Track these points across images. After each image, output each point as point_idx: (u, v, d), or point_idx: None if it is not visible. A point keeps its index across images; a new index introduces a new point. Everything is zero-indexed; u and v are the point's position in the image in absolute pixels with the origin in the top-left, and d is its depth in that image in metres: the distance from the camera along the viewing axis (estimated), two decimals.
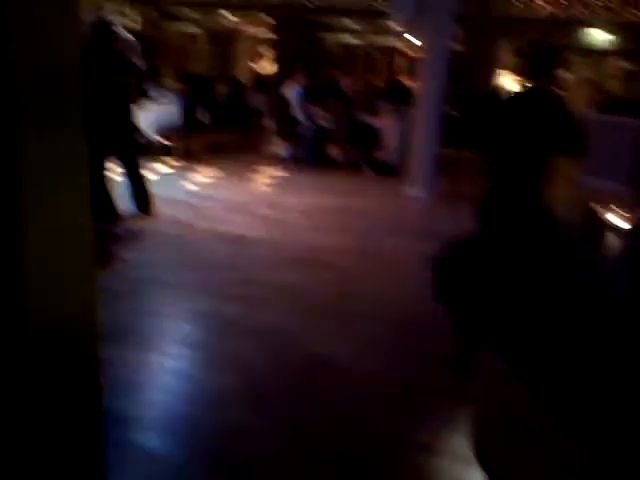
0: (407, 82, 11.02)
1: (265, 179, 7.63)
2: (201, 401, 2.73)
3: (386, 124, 8.50)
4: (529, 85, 3.04)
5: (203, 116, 8.98)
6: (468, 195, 3.43)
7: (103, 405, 1.95)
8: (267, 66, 14.87)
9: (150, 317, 3.55)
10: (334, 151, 8.70)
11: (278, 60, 13.77)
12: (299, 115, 8.54)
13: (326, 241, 5.19)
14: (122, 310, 3.56)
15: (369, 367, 3.09)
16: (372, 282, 4.33)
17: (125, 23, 14.10)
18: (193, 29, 14.74)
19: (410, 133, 7.36)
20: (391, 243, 5.29)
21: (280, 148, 8.83)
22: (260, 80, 13.12)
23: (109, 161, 5.05)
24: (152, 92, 8.29)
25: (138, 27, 14.28)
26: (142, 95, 5.17)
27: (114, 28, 4.69)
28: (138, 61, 5.01)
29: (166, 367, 2.99)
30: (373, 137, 8.42)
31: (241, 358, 3.10)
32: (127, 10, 14.11)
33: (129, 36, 4.98)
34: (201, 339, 3.31)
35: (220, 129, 9.16)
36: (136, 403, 2.68)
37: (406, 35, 9.76)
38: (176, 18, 14.80)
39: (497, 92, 12.83)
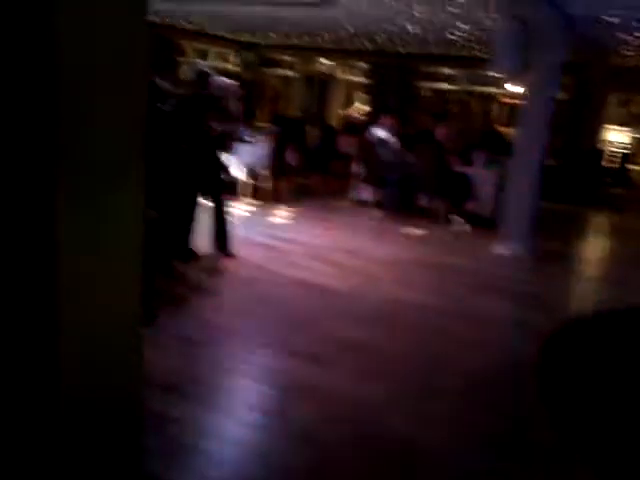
0: (504, 130, 10.55)
1: (349, 225, 7.41)
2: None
3: (480, 174, 8.08)
4: None
5: (292, 158, 8.96)
6: (570, 254, 2.99)
7: (143, 471, 1.75)
8: (359, 110, 14.88)
9: (220, 371, 3.34)
10: (423, 200, 8.35)
11: (370, 105, 13.73)
12: (387, 161, 8.30)
13: (409, 297, 4.83)
14: (191, 360, 3.38)
15: (457, 457, 2.68)
16: (460, 350, 3.91)
17: (227, 67, 14.71)
18: (289, 73, 15.09)
19: (506, 184, 6.90)
20: (481, 304, 4.85)
21: (367, 194, 8.61)
22: (351, 124, 13.10)
23: (197, 200, 5.04)
24: (245, 133, 8.41)
25: (238, 70, 14.83)
26: (236, 138, 5.21)
27: (210, 76, 4.76)
28: (233, 105, 5.08)
29: (230, 433, 2.74)
30: (466, 187, 8.01)
31: (314, 432, 2.78)
32: (231, 56, 14.71)
33: (228, 82, 5.07)
34: (272, 404, 3.04)
35: (308, 172, 9.10)
36: (188, 472, 2.43)
37: (507, 83, 9.36)
38: (274, 63, 15.23)
39: (602, 145, 12.05)
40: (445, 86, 13.56)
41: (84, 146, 1.42)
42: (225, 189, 5.46)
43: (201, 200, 5.12)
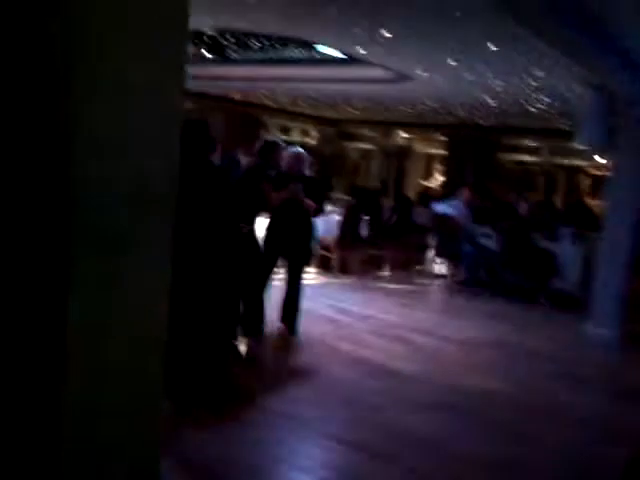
0: (592, 203, 9.97)
1: (420, 300, 7.09)
2: None
3: (566, 250, 7.56)
4: None
5: (365, 229, 8.85)
6: None
7: None
8: (436, 182, 14.74)
9: (277, 464, 3.08)
10: (502, 276, 7.89)
11: (447, 177, 13.56)
12: (463, 234, 8.00)
13: (480, 383, 4.41)
14: (246, 446, 3.16)
15: None
16: (536, 454, 3.44)
17: (307, 141, 15.17)
18: (368, 146, 15.32)
19: (595, 262, 6.38)
20: (563, 396, 4.34)
21: (441, 268, 8.29)
22: (427, 196, 12.94)
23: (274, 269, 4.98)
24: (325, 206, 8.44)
25: (314, 143, 15.26)
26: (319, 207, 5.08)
27: (278, 146, 4.79)
28: (307, 172, 5.06)
29: None
30: (551, 264, 7.50)
31: None
32: (312, 130, 15.20)
33: (299, 151, 5.07)
34: None
35: (381, 243, 8.93)
36: None
37: (593, 155, 8.92)
38: (353, 136, 15.55)
39: None
40: (527, 158, 13.18)
41: (100, 213, 1.34)
42: (310, 260, 5.34)
43: (283, 270, 5.04)
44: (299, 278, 5.13)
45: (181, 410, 3.43)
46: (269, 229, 4.94)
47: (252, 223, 4.58)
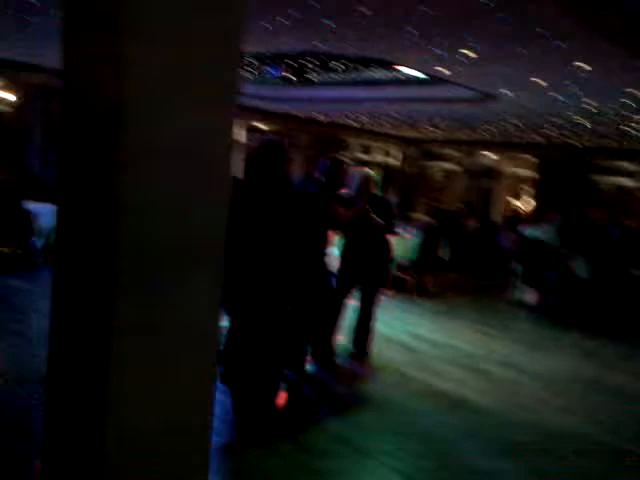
0: None
1: (503, 329, 6.73)
2: None
3: None
4: None
5: (446, 252, 8.59)
6: None
7: None
8: (526, 205, 14.12)
9: None
10: (592, 306, 7.35)
11: (538, 200, 12.95)
12: (550, 260, 7.55)
13: (563, 425, 4.07)
14: (312, 476, 3.09)
15: None
16: None
17: (388, 161, 15.09)
18: (452, 166, 14.99)
19: None
20: None
21: (526, 295, 7.86)
22: (516, 219, 12.41)
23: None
24: (397, 226, 8.29)
25: (396, 163, 15.13)
26: (387, 228, 5.03)
27: (344, 165, 4.74)
28: (374, 192, 5.00)
29: None
30: None
31: None
32: (392, 150, 15.11)
33: (368, 171, 5.05)
34: None
35: (463, 268, 8.62)
36: None
37: None
38: (436, 156, 15.28)
39: None
40: (626, 182, 12.34)
41: (148, 230, 1.34)
42: (386, 282, 5.26)
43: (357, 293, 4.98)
44: (374, 301, 5.04)
45: (247, 435, 3.44)
46: (345, 253, 4.89)
47: (323, 242, 4.56)
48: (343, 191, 4.72)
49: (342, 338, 4.98)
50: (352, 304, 5.06)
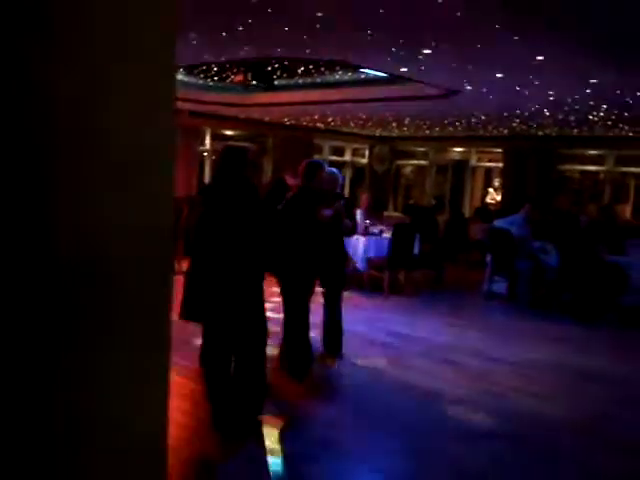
0: None
1: (475, 321, 6.84)
2: None
3: (638, 263, 7.11)
4: None
5: (418, 248, 8.68)
6: None
7: None
8: (493, 197, 14.33)
9: None
10: (562, 294, 7.51)
11: (506, 191, 13.14)
12: (520, 250, 7.68)
13: (537, 410, 4.17)
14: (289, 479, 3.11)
15: None
16: None
17: (361, 161, 15.17)
18: (422, 162, 15.12)
19: None
20: (636, 427, 4.03)
21: (498, 286, 7.98)
22: (486, 211, 12.58)
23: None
24: (370, 225, 8.36)
25: (366, 162, 15.21)
26: (346, 225, 5.09)
27: (321, 168, 4.76)
28: (339, 191, 5.05)
29: None
30: (621, 279, 7.06)
31: None
32: (365, 150, 15.18)
33: (334, 171, 5.07)
34: None
35: (435, 262, 8.72)
36: None
37: None
38: (407, 154, 15.41)
39: None
40: (593, 168, 12.59)
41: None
42: (345, 282, 5.31)
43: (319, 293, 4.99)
44: (337, 300, 5.06)
45: (227, 441, 3.44)
46: (305, 253, 4.87)
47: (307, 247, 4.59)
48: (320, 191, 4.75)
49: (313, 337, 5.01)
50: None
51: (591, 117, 8.91)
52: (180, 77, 8.25)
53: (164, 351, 1.54)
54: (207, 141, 11.91)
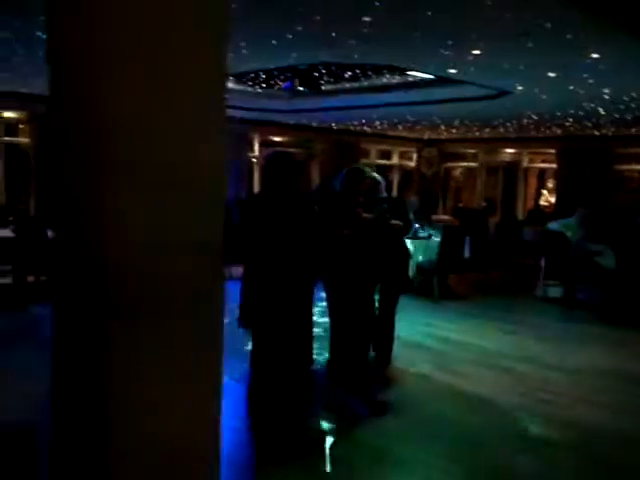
0: None
1: (530, 326, 6.65)
2: None
3: None
4: None
5: (469, 252, 8.53)
6: None
7: None
8: (547, 199, 13.92)
9: None
10: (620, 298, 7.19)
11: (560, 192, 12.74)
12: (575, 253, 7.44)
13: (596, 420, 4.02)
14: None
15: None
16: None
17: (409, 165, 15.04)
18: (472, 164, 14.84)
19: None
20: None
21: (553, 290, 7.75)
22: (539, 213, 12.24)
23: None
24: (418, 229, 8.27)
25: (414, 165, 15.05)
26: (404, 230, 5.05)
27: (364, 173, 4.76)
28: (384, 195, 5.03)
29: None
30: None
31: None
32: (409, 151, 15.05)
33: (376, 176, 5.06)
34: None
35: (487, 266, 8.55)
36: None
37: None
38: (456, 156, 15.17)
39: None
40: None
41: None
42: (405, 286, 5.26)
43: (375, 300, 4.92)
44: (394, 306, 5.04)
45: (271, 448, 3.47)
46: (363, 257, 4.87)
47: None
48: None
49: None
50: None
51: None
52: (229, 85, 8.41)
53: (216, 355, 1.58)
54: (256, 148, 12.07)
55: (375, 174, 5.09)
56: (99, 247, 1.36)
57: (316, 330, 3.84)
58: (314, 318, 3.77)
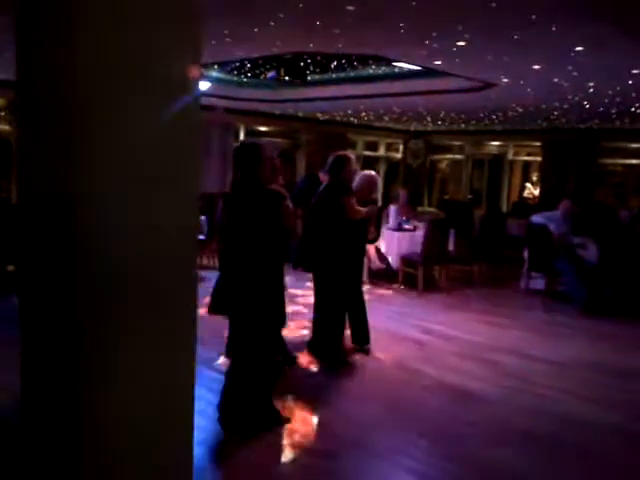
0: None
1: (514, 319, 6.68)
2: None
3: None
4: None
5: (452, 244, 8.54)
6: None
7: None
8: (531, 191, 14.00)
9: None
10: (602, 291, 7.25)
11: (543, 185, 12.81)
12: (559, 246, 7.47)
13: (579, 411, 4.05)
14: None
15: None
16: None
17: (395, 156, 15.03)
18: (458, 156, 14.87)
19: None
20: None
21: (536, 283, 7.78)
22: (523, 206, 12.31)
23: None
24: (403, 221, 8.27)
25: (400, 157, 15.06)
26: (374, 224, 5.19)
27: (347, 161, 4.78)
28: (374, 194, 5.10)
29: None
30: None
31: None
32: (396, 143, 15.04)
33: (372, 174, 5.15)
34: None
35: (471, 258, 8.56)
36: None
37: None
38: (442, 148, 15.18)
39: None
40: (636, 161, 12.17)
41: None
42: (361, 277, 5.32)
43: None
44: (361, 294, 5.10)
45: (246, 439, 3.44)
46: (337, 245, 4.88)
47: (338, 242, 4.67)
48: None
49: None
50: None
51: (633, 109, 8.59)
52: (214, 74, 8.31)
53: (190, 346, 1.54)
54: (241, 137, 11.98)
55: (372, 172, 5.28)
56: (70, 237, 1.32)
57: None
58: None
